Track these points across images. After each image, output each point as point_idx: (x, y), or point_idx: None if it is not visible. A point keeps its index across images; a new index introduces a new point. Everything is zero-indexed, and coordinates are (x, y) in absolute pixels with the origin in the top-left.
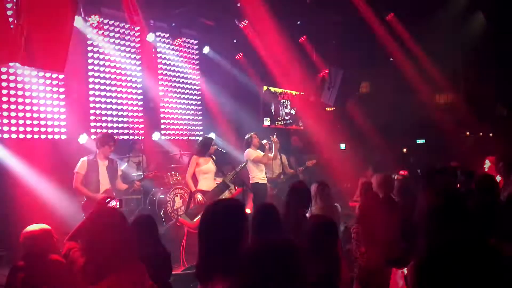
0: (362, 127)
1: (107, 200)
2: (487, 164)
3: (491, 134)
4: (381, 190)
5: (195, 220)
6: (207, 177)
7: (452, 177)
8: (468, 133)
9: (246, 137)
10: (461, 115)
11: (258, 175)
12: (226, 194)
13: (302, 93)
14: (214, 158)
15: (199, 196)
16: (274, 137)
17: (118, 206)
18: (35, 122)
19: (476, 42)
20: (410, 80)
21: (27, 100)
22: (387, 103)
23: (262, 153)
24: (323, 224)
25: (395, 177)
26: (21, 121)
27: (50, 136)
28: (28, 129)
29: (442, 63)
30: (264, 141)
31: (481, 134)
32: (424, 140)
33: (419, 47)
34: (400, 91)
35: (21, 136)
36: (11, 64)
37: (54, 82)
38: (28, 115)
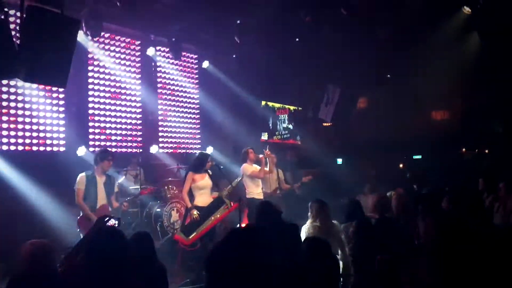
0: (359, 142)
1: (106, 219)
2: (481, 184)
3: (486, 151)
4: (377, 211)
5: (190, 237)
6: (203, 193)
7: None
8: (464, 149)
9: (242, 151)
10: (457, 132)
11: (255, 190)
12: (221, 210)
13: (300, 108)
14: (210, 173)
15: (195, 213)
16: (267, 150)
17: (116, 225)
18: (34, 134)
19: (472, 61)
20: (407, 97)
21: (27, 112)
22: (384, 118)
23: (259, 168)
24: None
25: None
26: (20, 133)
27: (49, 148)
28: (27, 141)
29: (438, 80)
30: (261, 155)
31: (477, 150)
32: (420, 156)
33: (416, 64)
34: (397, 107)
35: (20, 148)
36: None
37: (54, 95)
38: (27, 127)
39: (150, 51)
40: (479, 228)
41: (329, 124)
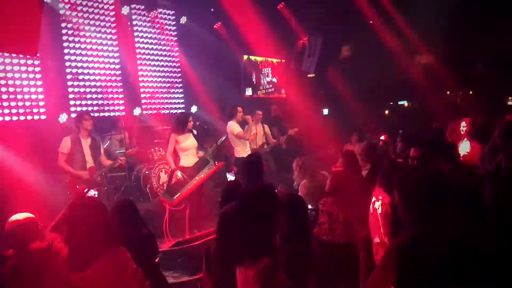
0: (344, 91)
1: (85, 190)
2: (464, 126)
3: (471, 92)
4: (363, 159)
5: (175, 197)
6: (188, 154)
7: None
8: (448, 92)
9: (230, 108)
10: (441, 75)
11: (243, 148)
12: (206, 170)
13: (283, 60)
14: (195, 132)
15: (179, 174)
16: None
17: (96, 196)
18: (13, 103)
19: (455, 3)
20: (390, 43)
21: (2, 82)
22: (368, 66)
23: (242, 130)
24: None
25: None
26: None
27: (29, 117)
28: (6, 111)
29: (421, 24)
30: (248, 116)
31: (460, 93)
32: (405, 101)
33: (398, 9)
34: (381, 53)
35: None
36: None
37: (29, 62)
38: (4, 96)
39: (125, 10)
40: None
41: (313, 75)
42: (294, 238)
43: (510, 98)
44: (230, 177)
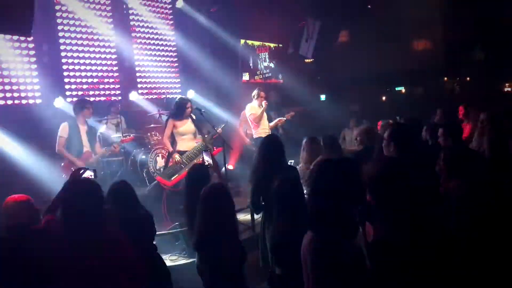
0: (341, 77)
1: (81, 171)
2: (461, 111)
3: (468, 79)
4: (362, 142)
5: (172, 178)
6: (185, 139)
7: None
8: (446, 78)
9: (256, 90)
10: (438, 61)
11: (259, 130)
12: (204, 154)
13: (280, 45)
14: (194, 117)
15: (177, 156)
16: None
17: (92, 177)
18: (7, 87)
19: None
20: (388, 28)
21: None
22: (366, 51)
23: (259, 112)
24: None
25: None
26: None
27: (24, 101)
28: (1, 94)
29: (419, 9)
30: (265, 102)
31: (458, 79)
32: (402, 87)
33: None
34: (378, 39)
35: None
36: None
37: (23, 45)
38: None
39: None
40: None
41: (311, 60)
42: None
43: (507, 84)
44: (205, 156)
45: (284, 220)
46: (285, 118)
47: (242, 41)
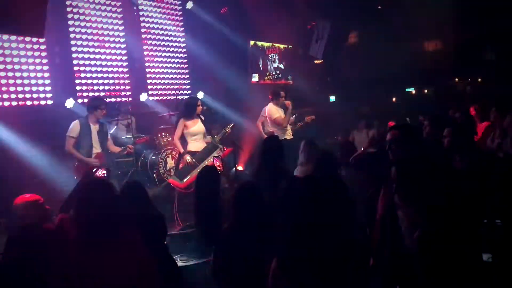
0: (351, 78)
1: (94, 170)
2: (472, 112)
3: (479, 80)
4: (374, 146)
5: (184, 180)
6: (196, 139)
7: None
8: (457, 79)
9: (272, 90)
10: (449, 61)
11: (285, 135)
12: (214, 155)
13: (290, 46)
14: (203, 118)
15: (188, 158)
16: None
17: (105, 175)
18: (19, 88)
19: None
20: (398, 28)
21: (9, 66)
22: (376, 52)
23: (283, 115)
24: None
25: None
26: (4, 88)
27: (36, 102)
28: (13, 96)
29: (430, 9)
30: (288, 102)
31: (469, 79)
32: (413, 88)
33: None
34: (388, 39)
35: (6, 103)
36: None
37: (35, 47)
38: (11, 81)
39: None
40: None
41: (321, 61)
42: None
43: None
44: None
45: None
46: (304, 122)
47: (252, 42)
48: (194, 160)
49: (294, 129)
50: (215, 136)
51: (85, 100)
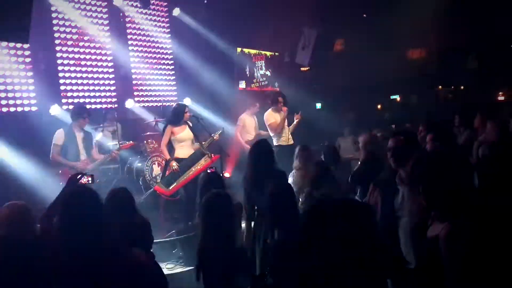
0: (337, 85)
1: (78, 177)
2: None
3: (462, 87)
4: (364, 150)
5: (170, 187)
6: (183, 145)
7: None
8: (440, 87)
9: (272, 95)
10: (433, 69)
11: (280, 139)
12: (202, 162)
13: (276, 53)
14: (191, 124)
15: (174, 164)
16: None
17: (90, 182)
18: (3, 94)
19: None
20: (383, 36)
21: None
22: (362, 60)
23: (278, 121)
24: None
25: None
26: None
27: (20, 109)
28: None
29: (414, 18)
30: (284, 108)
31: (452, 87)
32: (397, 96)
33: (392, 3)
34: (374, 47)
35: None
36: None
37: (19, 52)
38: None
39: (117, 1)
40: None
41: (307, 68)
42: None
43: (500, 93)
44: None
45: (280, 228)
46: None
47: (239, 49)
48: (180, 167)
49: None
50: (203, 143)
51: (70, 107)
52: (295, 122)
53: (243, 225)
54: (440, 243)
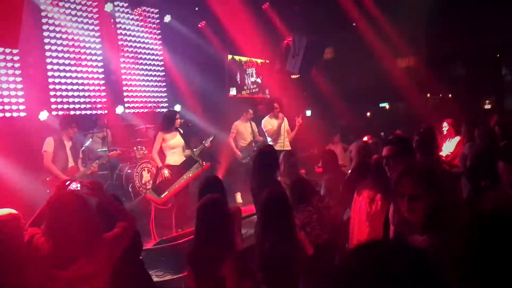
0: (327, 93)
1: (67, 183)
2: (445, 126)
3: (450, 95)
4: (357, 157)
5: (162, 196)
6: (174, 152)
7: None
8: (428, 95)
9: (267, 102)
10: (421, 78)
11: (276, 146)
12: (194, 169)
13: (267, 61)
14: (182, 131)
15: (165, 172)
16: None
17: (78, 189)
18: None
19: (435, 5)
20: (372, 45)
21: None
22: (351, 68)
23: (275, 127)
24: (273, 198)
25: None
26: None
27: (8, 114)
28: None
29: (402, 26)
30: (281, 115)
31: (441, 95)
32: (386, 103)
33: (380, 10)
34: (363, 56)
35: None
36: None
37: (8, 57)
38: None
39: (108, 7)
40: None
41: (297, 76)
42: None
43: (487, 102)
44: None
45: (274, 235)
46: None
47: (230, 56)
48: (172, 174)
49: (248, 147)
50: (194, 150)
51: (60, 113)
52: (296, 128)
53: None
54: None
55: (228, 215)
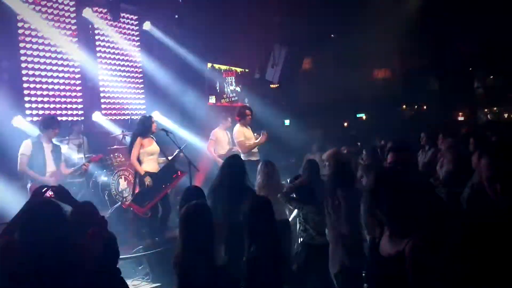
0: (305, 103)
1: (43, 190)
2: (422, 137)
3: (425, 107)
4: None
5: (146, 204)
6: (151, 159)
7: None
8: (404, 106)
9: (239, 108)
10: (397, 89)
11: (249, 153)
12: (172, 178)
13: (246, 70)
14: (155, 138)
15: (148, 180)
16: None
17: (53, 196)
18: None
19: (411, 18)
20: (350, 56)
21: None
22: (329, 78)
23: (251, 140)
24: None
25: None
26: None
27: None
28: None
29: (380, 40)
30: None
31: (416, 107)
32: (363, 114)
33: (359, 24)
34: (341, 67)
35: None
36: None
37: None
38: None
39: (86, 12)
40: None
41: (276, 85)
42: None
43: (460, 113)
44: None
45: (257, 248)
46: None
47: (209, 64)
48: (153, 182)
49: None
50: (169, 158)
51: (35, 118)
52: (257, 141)
53: None
54: (407, 257)
55: (212, 223)
